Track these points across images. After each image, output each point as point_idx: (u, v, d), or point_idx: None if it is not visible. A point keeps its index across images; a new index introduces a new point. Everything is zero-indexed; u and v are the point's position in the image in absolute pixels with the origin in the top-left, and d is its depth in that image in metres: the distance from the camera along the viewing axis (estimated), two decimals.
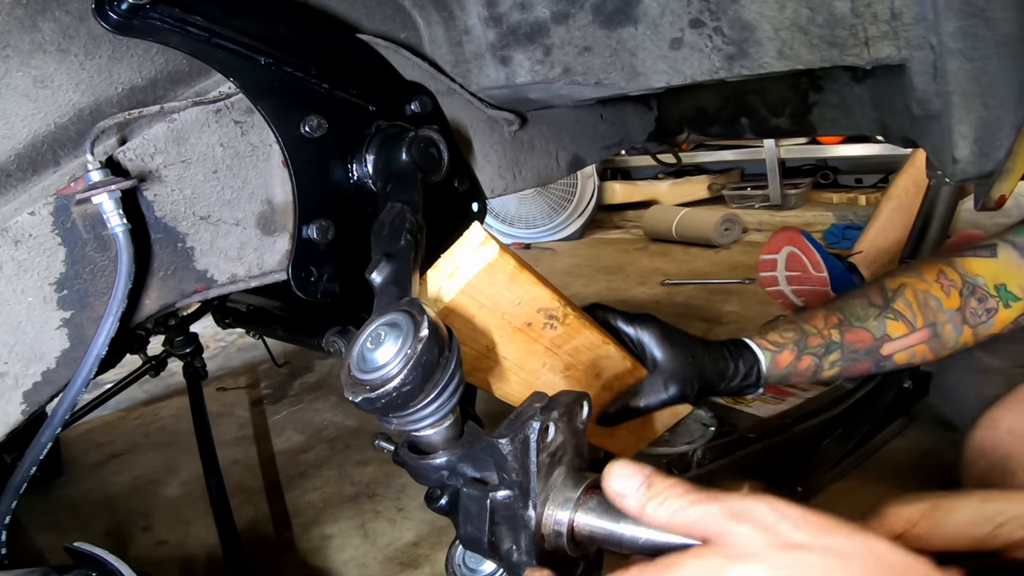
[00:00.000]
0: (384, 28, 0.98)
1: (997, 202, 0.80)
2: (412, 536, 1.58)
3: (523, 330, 0.73)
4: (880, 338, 0.92)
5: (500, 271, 0.67)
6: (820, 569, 0.40)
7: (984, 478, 1.03)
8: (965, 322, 0.93)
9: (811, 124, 1.34)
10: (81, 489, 2.00)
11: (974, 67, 0.70)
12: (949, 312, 0.93)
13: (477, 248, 0.67)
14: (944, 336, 0.93)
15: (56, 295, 0.69)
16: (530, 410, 0.54)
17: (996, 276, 0.94)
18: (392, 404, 0.53)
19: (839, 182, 3.85)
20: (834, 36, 0.76)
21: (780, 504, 0.43)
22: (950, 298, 0.93)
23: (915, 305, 0.93)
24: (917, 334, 0.93)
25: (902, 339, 0.93)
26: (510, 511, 0.55)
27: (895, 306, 0.93)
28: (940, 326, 0.93)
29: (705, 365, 0.89)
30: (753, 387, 0.92)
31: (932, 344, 0.94)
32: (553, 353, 0.77)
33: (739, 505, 0.43)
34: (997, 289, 0.93)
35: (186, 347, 1.73)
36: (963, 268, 0.94)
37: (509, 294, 0.69)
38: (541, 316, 0.73)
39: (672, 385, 0.87)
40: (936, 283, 0.94)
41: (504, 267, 0.67)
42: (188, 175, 0.76)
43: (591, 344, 0.79)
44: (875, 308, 0.93)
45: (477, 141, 1.10)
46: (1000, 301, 0.93)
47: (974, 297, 0.93)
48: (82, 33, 0.71)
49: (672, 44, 0.89)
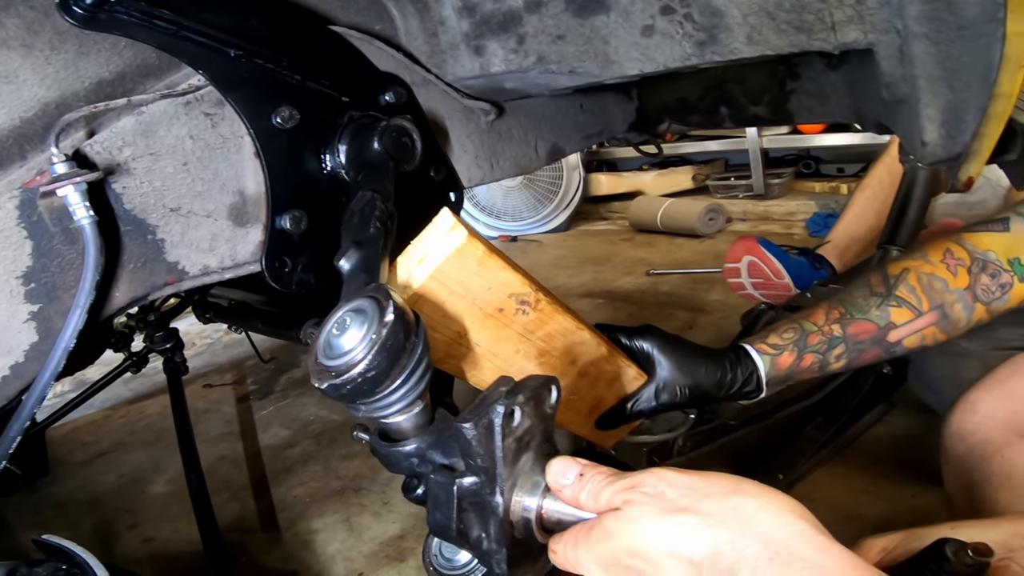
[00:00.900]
0: (358, 20, 0.98)
1: (965, 184, 0.80)
2: (398, 529, 1.58)
3: (495, 316, 0.73)
4: (885, 327, 0.92)
5: (469, 256, 0.67)
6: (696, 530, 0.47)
7: (962, 462, 1.03)
8: (977, 300, 0.92)
9: (789, 112, 1.35)
10: (67, 488, 1.99)
11: (939, 50, 0.71)
12: (957, 292, 0.92)
13: (446, 234, 0.66)
14: (954, 316, 0.92)
15: (23, 288, 0.68)
16: (495, 394, 0.54)
17: (1009, 250, 0.92)
18: (358, 390, 0.53)
19: (821, 171, 3.87)
20: (801, 21, 0.76)
21: (669, 474, 0.51)
22: (957, 277, 0.92)
23: (919, 289, 0.92)
24: (924, 318, 0.92)
25: (908, 324, 0.92)
26: (478, 498, 0.55)
27: (898, 293, 0.92)
28: (948, 307, 0.92)
29: (700, 376, 0.89)
30: (754, 392, 0.92)
31: (942, 325, 0.93)
32: (526, 339, 0.77)
33: (634, 479, 0.51)
34: (1011, 263, 0.91)
35: (166, 343, 1.72)
36: (972, 245, 0.93)
37: (479, 279, 0.69)
38: (513, 301, 0.73)
39: (664, 394, 0.89)
40: (942, 264, 0.92)
41: (473, 252, 0.67)
42: (157, 167, 0.76)
43: (565, 330, 0.79)
44: (877, 297, 0.93)
45: (454, 131, 1.10)
46: (1014, 275, 0.91)
47: (985, 273, 0.91)
48: (47, 28, 0.71)
49: (644, 31, 0.89)
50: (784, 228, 3.51)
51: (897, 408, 1.69)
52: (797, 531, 0.46)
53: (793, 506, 0.49)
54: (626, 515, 0.50)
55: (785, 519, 0.47)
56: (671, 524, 0.48)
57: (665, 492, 0.50)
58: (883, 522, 1.36)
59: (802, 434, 1.53)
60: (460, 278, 0.68)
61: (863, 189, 2.06)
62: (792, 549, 0.45)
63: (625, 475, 0.53)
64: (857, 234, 2.02)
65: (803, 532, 0.46)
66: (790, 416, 1.54)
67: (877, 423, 1.66)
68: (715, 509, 0.48)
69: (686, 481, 0.50)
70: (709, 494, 0.49)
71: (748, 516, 0.47)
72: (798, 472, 1.48)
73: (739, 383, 0.91)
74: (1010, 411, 1.00)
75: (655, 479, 0.51)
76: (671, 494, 0.49)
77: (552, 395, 0.58)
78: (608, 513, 0.51)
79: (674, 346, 0.91)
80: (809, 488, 1.47)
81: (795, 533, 0.46)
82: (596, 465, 0.55)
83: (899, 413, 1.68)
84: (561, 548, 0.54)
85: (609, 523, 0.51)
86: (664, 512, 0.49)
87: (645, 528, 0.49)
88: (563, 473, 0.55)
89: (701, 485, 0.50)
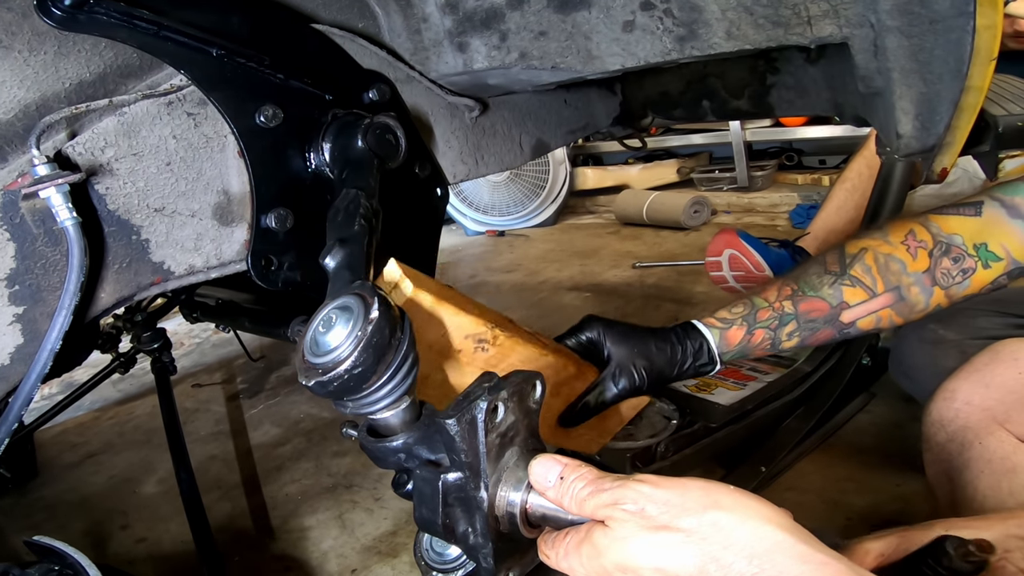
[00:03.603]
0: (341, 17, 0.98)
1: (940, 175, 0.82)
2: (390, 525, 1.59)
3: (454, 357, 0.73)
4: (837, 306, 0.92)
5: (419, 307, 0.68)
6: (680, 547, 0.48)
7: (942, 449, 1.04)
8: (935, 283, 0.91)
9: (770, 105, 1.36)
10: (58, 490, 1.98)
11: (912, 44, 0.72)
12: (915, 275, 0.91)
13: (392, 289, 0.67)
14: (911, 299, 0.92)
15: (7, 291, 0.68)
16: (478, 390, 0.54)
17: (977, 235, 0.90)
18: (344, 387, 0.53)
19: (804, 164, 3.91)
20: (778, 16, 0.77)
21: (646, 488, 0.51)
22: (917, 260, 0.91)
23: (875, 270, 0.91)
24: (879, 299, 0.91)
25: (862, 305, 0.91)
26: (463, 493, 0.56)
27: (852, 272, 0.91)
28: (905, 289, 0.91)
29: (651, 354, 0.90)
30: (708, 366, 0.93)
31: (898, 308, 0.92)
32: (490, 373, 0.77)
33: (615, 494, 0.52)
34: (976, 248, 0.90)
35: (154, 343, 1.71)
36: (937, 227, 0.91)
37: (433, 327, 0.70)
38: (470, 342, 0.73)
39: (621, 378, 0.89)
40: (902, 245, 0.91)
41: (423, 301, 0.68)
42: (140, 168, 0.76)
43: (528, 358, 0.79)
44: (830, 275, 0.92)
45: (438, 128, 1.10)
46: (979, 261, 0.90)
47: (948, 257, 0.90)
48: (25, 30, 0.71)
49: (625, 27, 0.90)
50: (768, 220, 3.54)
51: (879, 397, 1.71)
52: (778, 542, 0.47)
53: (772, 514, 0.49)
54: (613, 533, 0.51)
55: (766, 530, 0.48)
56: (655, 542, 0.49)
57: (645, 509, 0.50)
58: (869, 510, 1.38)
59: (783, 427, 1.55)
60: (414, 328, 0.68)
61: (843, 182, 2.08)
62: (775, 562, 0.46)
63: (606, 479, 0.54)
64: (837, 226, 2.04)
65: (783, 543, 0.47)
66: (771, 412, 1.55)
67: (859, 413, 1.68)
68: (694, 526, 0.49)
69: (663, 496, 0.51)
70: (687, 509, 0.50)
71: (728, 531, 0.48)
72: (781, 464, 1.49)
73: (690, 357, 0.91)
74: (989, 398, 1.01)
75: (635, 494, 0.51)
76: (651, 510, 0.50)
77: (536, 390, 0.59)
78: (596, 528, 0.52)
79: (619, 329, 0.91)
80: (794, 478, 1.49)
81: (775, 545, 0.47)
82: (578, 465, 0.56)
83: (881, 402, 1.70)
84: (553, 555, 0.56)
85: (598, 539, 0.52)
86: (647, 529, 0.50)
87: (632, 546, 0.50)
88: (544, 475, 0.56)
89: (678, 500, 0.50)
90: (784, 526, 0.48)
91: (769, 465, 1.46)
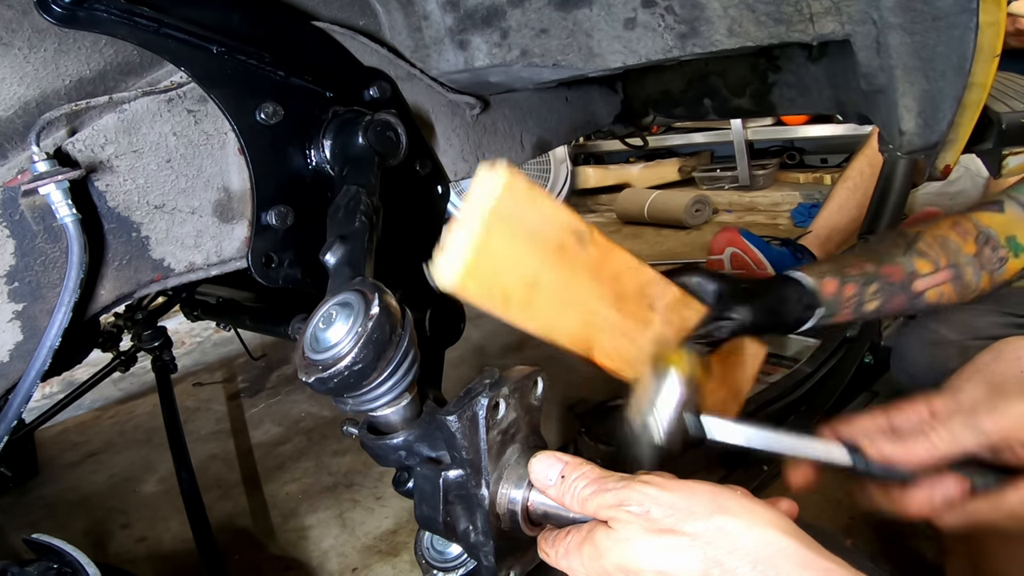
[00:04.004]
0: (341, 15, 0.98)
1: (943, 172, 0.82)
2: (391, 524, 1.59)
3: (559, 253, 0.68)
4: (911, 273, 0.94)
5: (518, 188, 0.64)
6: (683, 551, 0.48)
7: None
8: (983, 268, 0.95)
9: (771, 104, 1.36)
10: (58, 489, 1.98)
11: (914, 41, 0.72)
12: (967, 257, 0.95)
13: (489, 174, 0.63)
14: (966, 279, 0.95)
15: (6, 287, 0.68)
16: (479, 386, 0.54)
17: (1005, 228, 0.96)
18: (345, 383, 0.53)
19: (805, 162, 3.90)
20: (780, 13, 0.77)
21: (652, 490, 0.51)
22: (967, 244, 0.95)
23: (936, 245, 0.94)
24: (942, 273, 0.94)
25: (930, 276, 0.94)
26: (464, 490, 0.56)
27: (918, 246, 0.94)
28: (961, 268, 0.95)
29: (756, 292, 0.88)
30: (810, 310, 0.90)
31: (956, 285, 0.95)
32: (597, 281, 0.73)
33: (620, 495, 0.52)
34: (1008, 240, 0.95)
35: (154, 341, 1.71)
36: (976, 219, 0.97)
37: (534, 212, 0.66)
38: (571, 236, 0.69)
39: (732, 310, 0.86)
40: (952, 231, 0.96)
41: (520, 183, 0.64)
42: (140, 165, 0.76)
43: (628, 265, 0.75)
44: (900, 248, 0.95)
45: (439, 125, 1.10)
46: (1010, 251, 0.96)
47: (987, 246, 0.95)
48: (25, 27, 0.71)
49: (626, 24, 0.90)
50: (769, 219, 3.54)
51: (880, 397, 1.71)
52: (781, 548, 0.48)
53: (776, 520, 0.50)
54: (616, 534, 0.51)
55: (769, 536, 0.48)
56: (659, 545, 0.49)
57: (650, 512, 0.50)
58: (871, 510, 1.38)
59: (786, 424, 1.55)
60: (516, 213, 0.64)
61: (844, 180, 2.08)
62: (779, 567, 0.47)
63: (609, 479, 0.54)
64: (839, 224, 2.04)
65: (787, 549, 0.47)
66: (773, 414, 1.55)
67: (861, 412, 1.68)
68: (700, 530, 0.49)
69: (669, 499, 0.51)
70: (693, 513, 0.50)
71: (733, 536, 0.48)
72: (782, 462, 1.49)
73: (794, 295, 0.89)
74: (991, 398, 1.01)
75: (640, 496, 0.51)
76: (656, 513, 0.50)
77: (538, 387, 0.59)
78: (598, 528, 0.52)
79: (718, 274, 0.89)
80: None
81: (779, 551, 0.47)
82: (579, 463, 0.56)
83: (883, 402, 1.70)
84: (553, 554, 0.56)
85: (600, 540, 0.52)
86: (651, 532, 0.50)
87: (635, 549, 0.50)
88: (545, 473, 0.56)
89: (684, 504, 0.50)
90: (788, 532, 0.49)
91: (771, 464, 1.45)
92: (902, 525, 1.35)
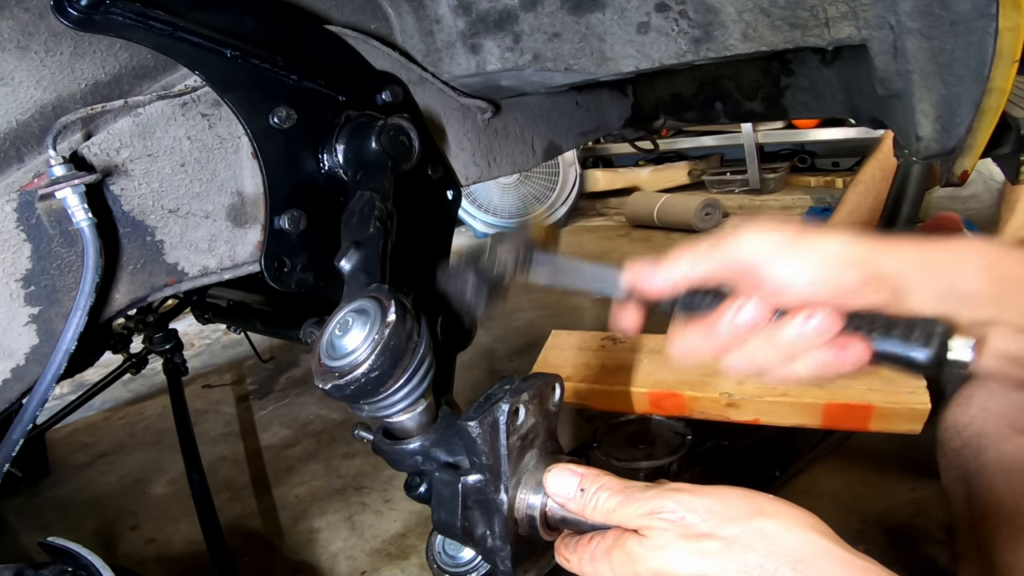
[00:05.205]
0: (354, 19, 0.98)
1: (960, 178, 0.81)
2: (400, 527, 1.59)
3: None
4: None
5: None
6: (721, 555, 0.48)
7: (958, 455, 1.04)
8: None
9: (784, 108, 1.35)
10: (68, 490, 1.99)
11: (932, 46, 0.71)
12: None
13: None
14: None
15: (23, 291, 0.68)
16: (499, 392, 0.54)
17: None
18: (361, 390, 0.53)
19: (816, 166, 3.89)
20: (795, 17, 0.76)
21: (686, 497, 0.51)
22: None
23: None
24: None
25: None
26: (482, 495, 0.56)
27: None
28: None
29: None
30: None
31: None
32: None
33: (652, 504, 0.52)
34: None
35: (165, 343, 1.72)
36: None
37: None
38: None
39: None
40: None
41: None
42: (155, 169, 0.76)
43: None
44: None
45: (450, 129, 1.10)
46: None
47: None
48: (42, 30, 0.71)
49: (639, 28, 0.89)
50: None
51: None
52: (821, 548, 0.47)
53: (814, 522, 0.49)
54: (651, 541, 0.51)
55: (808, 537, 0.48)
56: (696, 550, 0.49)
57: (686, 518, 0.50)
58: (882, 515, 1.37)
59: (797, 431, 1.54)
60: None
61: (856, 185, 2.07)
62: (819, 567, 0.46)
63: (635, 488, 0.53)
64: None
65: (826, 549, 0.47)
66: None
67: None
68: (739, 533, 0.49)
69: (704, 504, 0.51)
70: (731, 517, 0.50)
71: (773, 538, 0.48)
72: (795, 468, 1.48)
73: None
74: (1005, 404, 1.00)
75: (674, 503, 0.51)
76: (692, 519, 0.50)
77: (556, 393, 0.59)
78: (630, 536, 0.52)
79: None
80: (808, 482, 1.48)
81: (819, 551, 0.47)
82: (597, 475, 0.55)
83: None
84: (576, 560, 0.55)
85: (632, 547, 0.51)
86: (688, 538, 0.49)
87: (672, 554, 0.50)
88: (563, 487, 0.56)
89: (720, 508, 0.50)
90: (824, 533, 0.49)
91: (783, 470, 1.45)
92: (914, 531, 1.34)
